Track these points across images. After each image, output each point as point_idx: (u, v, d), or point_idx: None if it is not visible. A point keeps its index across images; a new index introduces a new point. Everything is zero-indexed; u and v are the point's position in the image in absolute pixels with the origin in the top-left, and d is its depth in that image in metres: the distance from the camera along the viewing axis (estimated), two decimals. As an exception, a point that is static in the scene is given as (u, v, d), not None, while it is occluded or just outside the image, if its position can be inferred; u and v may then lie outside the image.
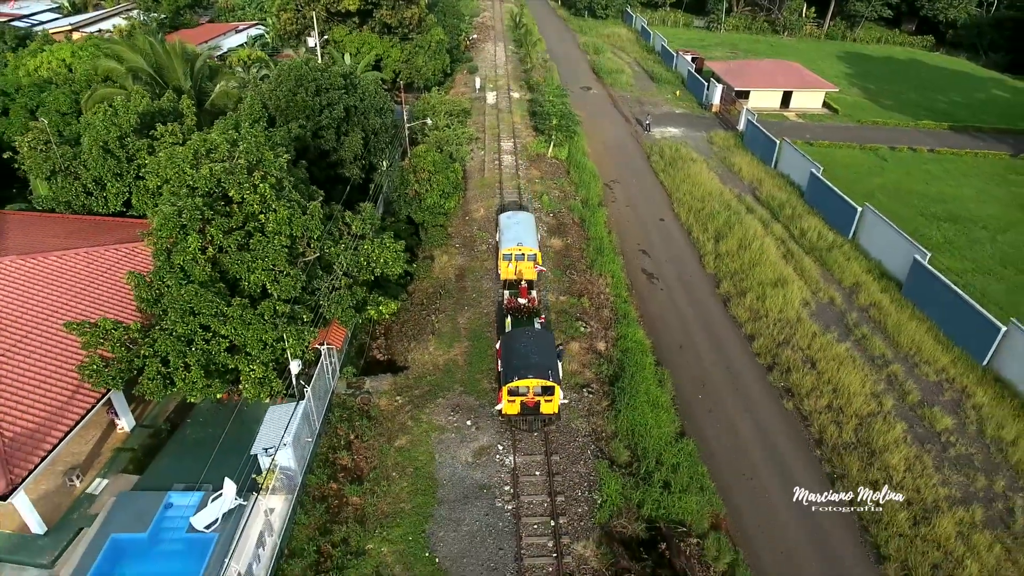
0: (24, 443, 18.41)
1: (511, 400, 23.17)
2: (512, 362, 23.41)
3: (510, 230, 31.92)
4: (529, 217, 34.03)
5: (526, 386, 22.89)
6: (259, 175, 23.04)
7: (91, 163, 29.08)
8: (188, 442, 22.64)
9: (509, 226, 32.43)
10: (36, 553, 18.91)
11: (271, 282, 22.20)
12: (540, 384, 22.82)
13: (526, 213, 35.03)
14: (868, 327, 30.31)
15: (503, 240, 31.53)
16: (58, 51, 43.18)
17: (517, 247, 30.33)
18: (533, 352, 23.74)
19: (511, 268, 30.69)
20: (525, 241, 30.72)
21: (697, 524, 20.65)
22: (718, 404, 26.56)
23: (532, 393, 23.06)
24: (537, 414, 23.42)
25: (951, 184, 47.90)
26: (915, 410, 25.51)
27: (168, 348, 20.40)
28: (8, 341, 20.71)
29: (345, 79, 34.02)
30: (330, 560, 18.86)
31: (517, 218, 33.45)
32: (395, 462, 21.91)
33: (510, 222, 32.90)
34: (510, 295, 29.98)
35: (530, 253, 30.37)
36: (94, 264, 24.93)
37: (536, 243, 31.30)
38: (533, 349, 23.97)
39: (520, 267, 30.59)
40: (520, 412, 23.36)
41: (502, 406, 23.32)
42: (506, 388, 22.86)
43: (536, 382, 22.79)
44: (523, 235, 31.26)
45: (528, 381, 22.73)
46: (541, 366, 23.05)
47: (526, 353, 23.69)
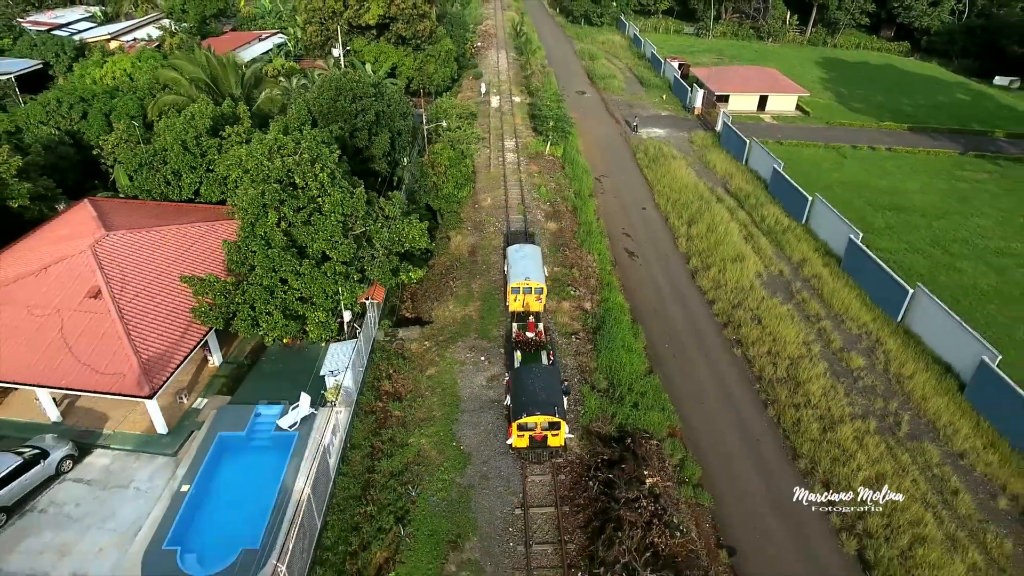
0: (156, 363, 24.94)
1: (520, 435, 24.77)
2: (521, 399, 25.05)
3: (518, 264, 33.30)
4: (536, 250, 35.28)
5: (534, 422, 24.44)
6: (319, 166, 29.56)
7: (171, 158, 35.57)
8: (264, 373, 29.19)
9: (516, 260, 33.71)
10: (163, 446, 25.40)
11: (330, 249, 28.69)
12: (547, 420, 24.42)
13: (532, 246, 36.14)
14: (808, 293, 36.86)
15: (511, 274, 32.91)
16: (120, 62, 49.68)
17: (525, 281, 31.95)
18: (540, 389, 25.37)
19: (519, 301, 32.47)
20: (532, 276, 32.23)
21: (657, 431, 27.12)
22: (681, 351, 33.08)
23: (540, 428, 24.58)
24: (545, 447, 25.06)
25: (900, 178, 54.41)
26: (836, 354, 32.04)
27: (256, 296, 26.93)
28: (134, 290, 27.22)
29: (375, 88, 40.53)
30: (381, 452, 25.40)
31: (524, 252, 34.64)
32: (427, 386, 28.51)
33: (517, 256, 34.16)
34: (518, 328, 31.46)
35: (537, 287, 32.03)
36: (184, 237, 31.42)
37: (543, 277, 32.82)
38: (540, 386, 25.59)
39: (527, 300, 32.30)
40: (529, 445, 24.94)
41: (512, 440, 24.92)
42: (515, 424, 24.47)
43: (543, 418, 24.36)
44: (530, 270, 32.72)
45: (536, 418, 24.29)
46: (548, 403, 24.67)
47: (534, 390, 25.33)
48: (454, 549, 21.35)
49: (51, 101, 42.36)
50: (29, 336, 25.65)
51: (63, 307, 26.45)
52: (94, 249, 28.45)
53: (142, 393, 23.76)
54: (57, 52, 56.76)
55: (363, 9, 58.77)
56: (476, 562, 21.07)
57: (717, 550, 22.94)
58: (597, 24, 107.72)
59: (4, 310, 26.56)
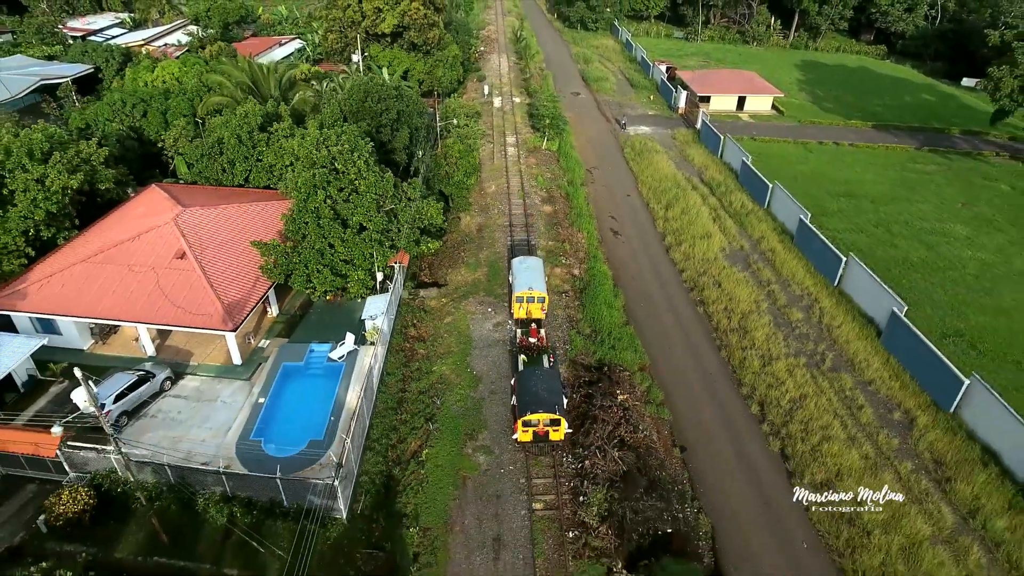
0: (234, 306, 31.79)
1: (525, 430, 27.39)
2: (525, 398, 27.67)
3: (521, 275, 36.00)
4: (538, 262, 37.96)
5: (537, 419, 27.10)
6: (356, 155, 36.37)
7: (227, 149, 42.41)
8: (313, 321, 36.05)
9: (520, 271, 36.43)
10: (238, 373, 32.22)
11: (366, 221, 35.49)
12: (549, 417, 27.09)
13: (535, 259, 38.78)
14: (763, 263, 43.72)
15: (516, 284, 35.58)
16: (168, 67, 56.44)
17: (528, 291, 34.72)
18: (542, 390, 27.98)
19: (523, 309, 35.25)
20: (535, 286, 35.03)
21: (630, 366, 33.92)
22: (653, 309, 39.93)
23: (542, 425, 27.21)
24: (547, 441, 27.88)
25: (858, 170, 61.26)
26: (780, 310, 38.88)
27: (309, 257, 33.79)
28: (210, 253, 34.06)
29: (396, 90, 47.34)
30: (410, 377, 32.26)
31: (527, 263, 37.36)
32: (445, 330, 35.40)
33: (521, 267, 36.90)
34: (522, 334, 34.35)
35: (539, 296, 34.74)
36: (243, 213, 38.19)
37: (544, 287, 35.54)
38: (542, 387, 28.20)
39: (530, 308, 35.06)
40: (532, 440, 27.70)
41: (517, 435, 27.60)
42: (521, 421, 27.17)
43: (546, 416, 27.00)
44: (533, 280, 35.49)
45: (539, 415, 26.94)
46: (549, 402, 27.30)
47: (536, 391, 27.94)
48: (470, 439, 28.24)
49: (116, 102, 49.16)
50: (133, 287, 32.50)
51: (156, 265, 33.30)
52: (176, 221, 35.26)
53: (227, 328, 30.64)
54: (107, 58, 63.47)
55: (379, 19, 65.60)
56: (487, 447, 27.97)
57: (672, 447, 29.79)
58: (592, 29, 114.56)
59: (109, 268, 33.39)
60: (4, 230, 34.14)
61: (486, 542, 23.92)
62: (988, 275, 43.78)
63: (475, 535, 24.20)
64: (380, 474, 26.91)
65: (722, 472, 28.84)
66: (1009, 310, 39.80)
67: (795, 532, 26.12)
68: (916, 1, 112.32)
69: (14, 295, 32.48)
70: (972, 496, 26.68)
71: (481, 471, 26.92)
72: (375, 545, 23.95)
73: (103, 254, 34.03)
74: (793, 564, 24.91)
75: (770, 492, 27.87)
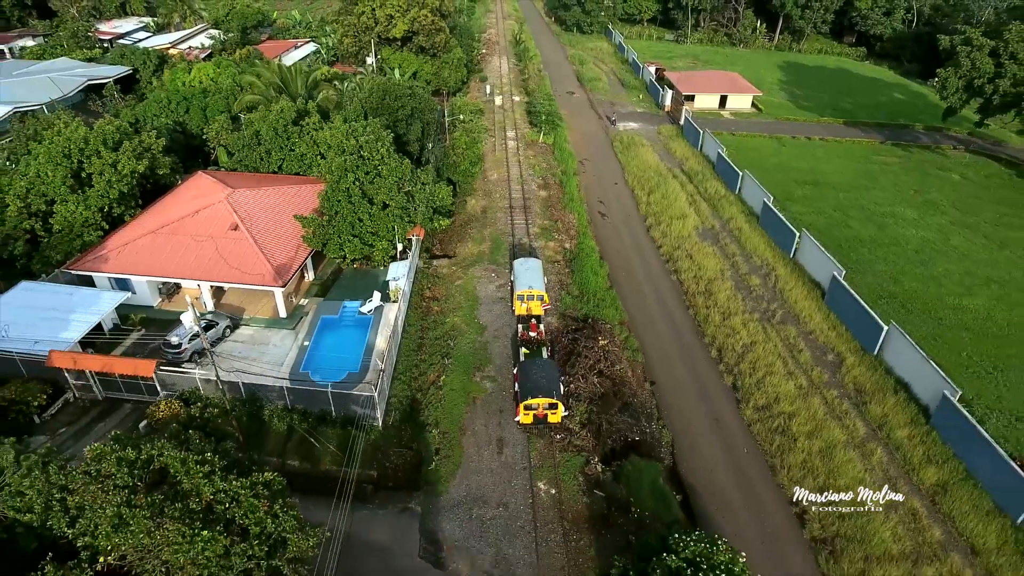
0: (281, 268, 38.30)
1: (526, 413, 30.44)
2: (526, 385, 30.73)
3: (522, 276, 39.03)
4: (537, 263, 40.97)
5: (537, 403, 30.09)
6: (380, 143, 42.87)
7: (265, 140, 48.87)
8: (344, 284, 42.54)
9: (521, 272, 39.46)
10: (284, 324, 38.70)
11: (388, 199, 41.96)
12: (548, 402, 30.08)
13: (535, 260, 41.80)
14: (730, 240, 50.23)
15: (517, 284, 38.58)
16: (203, 68, 62.93)
17: (528, 290, 37.84)
18: (541, 378, 30.89)
19: (523, 306, 38.24)
20: (534, 285, 38.10)
21: (611, 320, 40.41)
22: (633, 277, 46.43)
23: (541, 408, 30.24)
24: (546, 423, 30.87)
25: (824, 162, 67.82)
26: (742, 277, 45.40)
27: (342, 229, 40.30)
28: (259, 226, 40.54)
29: (410, 90, 53.85)
30: (428, 327, 38.79)
31: (528, 264, 40.53)
32: (456, 291, 41.97)
33: (522, 268, 39.89)
34: (523, 329, 37.06)
35: (538, 295, 37.81)
36: (281, 194, 44.63)
37: (543, 286, 38.55)
38: (541, 375, 31.10)
39: (530, 305, 38.12)
40: (533, 422, 30.72)
41: (520, 418, 30.60)
42: (522, 404, 30.24)
43: (545, 400, 29.96)
44: (533, 280, 38.55)
45: (538, 400, 29.94)
46: (548, 388, 30.24)
47: (536, 379, 30.89)
48: (478, 371, 34.81)
49: (162, 99, 55.70)
50: (195, 253, 38.99)
51: (214, 235, 39.78)
52: (228, 200, 41.71)
53: (276, 284, 37.16)
54: (144, 60, 69.96)
55: (391, 25, 72.11)
56: (492, 376, 34.55)
57: (643, 381, 36.33)
58: (587, 32, 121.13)
59: (174, 238, 39.85)
60: (85, 206, 40.66)
61: (491, 441, 30.48)
62: (926, 250, 50.31)
63: (483, 436, 30.75)
64: (406, 397, 33.43)
65: (683, 400, 35.37)
66: (939, 278, 46.32)
67: (738, 442, 32.64)
68: (894, 5, 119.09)
69: (96, 260, 38.97)
70: (882, 414, 33.21)
71: (487, 393, 33.49)
72: (405, 445, 30.45)
73: (168, 227, 40.51)
74: (734, 464, 31.42)
75: (721, 414, 34.40)
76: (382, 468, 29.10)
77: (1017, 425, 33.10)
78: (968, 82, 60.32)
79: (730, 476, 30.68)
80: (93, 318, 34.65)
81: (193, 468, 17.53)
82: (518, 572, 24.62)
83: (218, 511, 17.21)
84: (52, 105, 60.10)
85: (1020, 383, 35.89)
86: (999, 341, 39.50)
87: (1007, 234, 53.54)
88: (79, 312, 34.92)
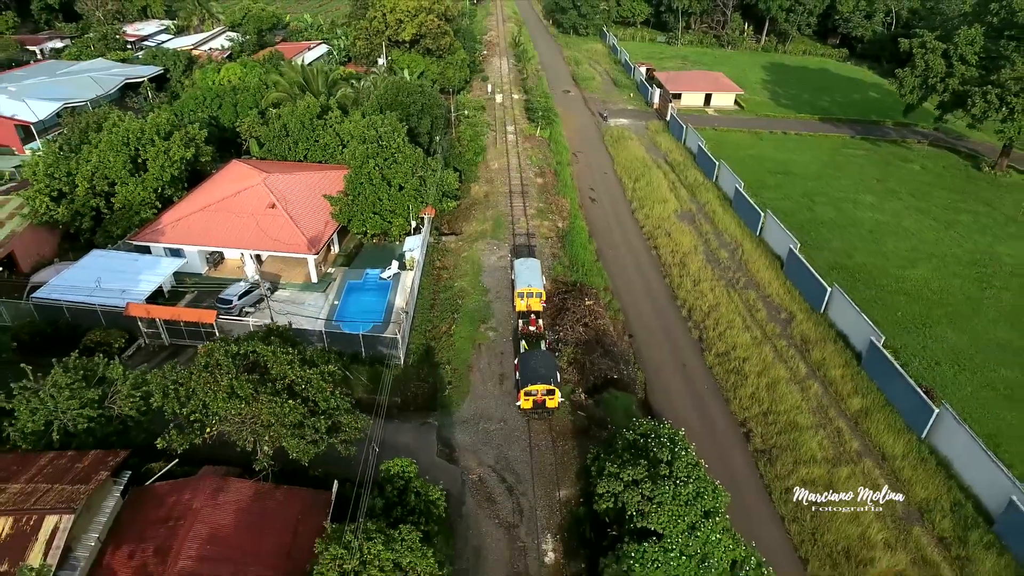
0: (313, 239, 44.70)
1: (526, 399, 32.82)
2: (526, 374, 33.31)
3: (522, 275, 41.99)
4: (536, 263, 44.07)
5: (536, 390, 32.64)
6: (396, 133, 49.25)
7: (292, 132, 55.25)
8: (365, 256, 48.95)
9: (522, 271, 42.40)
10: (316, 288, 45.11)
11: (404, 182, 48.34)
12: (545, 388, 32.60)
13: (534, 260, 44.86)
14: (704, 220, 56.66)
15: (517, 282, 41.52)
16: (232, 68, 69.33)
17: (528, 287, 40.75)
18: (540, 367, 33.61)
19: (523, 303, 40.99)
20: (533, 283, 40.98)
21: (597, 286, 46.79)
22: (618, 253, 52.81)
23: (540, 394, 32.79)
24: (544, 408, 33.41)
25: (796, 154, 74.25)
26: (712, 251, 51.81)
27: (364, 207, 46.69)
28: (292, 204, 46.94)
29: (420, 87, 60.24)
30: (439, 290, 45.22)
31: (527, 264, 43.47)
32: (463, 261, 48.42)
33: (522, 268, 42.91)
34: (523, 324, 40.16)
35: (537, 292, 40.72)
36: (309, 178, 51.00)
37: (541, 284, 41.43)
38: (540, 365, 33.79)
39: (530, 302, 40.92)
40: (532, 407, 33.27)
41: (520, 403, 33.10)
42: (523, 391, 32.83)
43: (543, 387, 32.50)
44: (532, 279, 41.47)
45: (537, 386, 32.55)
46: (546, 376, 32.80)
47: (535, 368, 33.55)
48: (482, 323, 41.23)
49: (198, 96, 62.09)
50: (239, 227, 45.36)
51: (255, 212, 46.15)
52: (265, 183, 48.10)
53: (310, 252, 43.56)
54: (174, 61, 76.34)
55: (400, 29, 78.55)
56: (494, 328, 40.98)
57: (623, 334, 42.72)
58: (583, 34, 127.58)
59: (220, 215, 46.21)
60: (143, 188, 47.07)
61: (494, 376, 36.90)
62: (880, 230, 56.72)
63: (487, 372, 37.18)
64: (422, 345, 39.82)
65: (656, 349, 41.77)
66: (887, 253, 52.72)
67: (700, 381, 39.04)
68: (874, 9, 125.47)
69: (154, 232, 45.37)
70: (821, 358, 39.61)
71: (490, 340, 39.92)
72: (423, 380, 36.86)
73: (214, 205, 46.92)
74: (696, 397, 37.79)
75: (687, 360, 40.77)
76: (405, 396, 35.49)
77: (935, 368, 39.56)
78: (923, 81, 66.68)
79: (692, 406, 37.08)
80: (158, 279, 41.09)
81: (280, 357, 23.83)
82: (516, 467, 31.01)
83: (297, 391, 23.49)
84: (97, 101, 66.48)
85: (943, 337, 42.34)
86: (930, 304, 45.94)
87: (954, 217, 59.97)
88: (145, 274, 41.35)
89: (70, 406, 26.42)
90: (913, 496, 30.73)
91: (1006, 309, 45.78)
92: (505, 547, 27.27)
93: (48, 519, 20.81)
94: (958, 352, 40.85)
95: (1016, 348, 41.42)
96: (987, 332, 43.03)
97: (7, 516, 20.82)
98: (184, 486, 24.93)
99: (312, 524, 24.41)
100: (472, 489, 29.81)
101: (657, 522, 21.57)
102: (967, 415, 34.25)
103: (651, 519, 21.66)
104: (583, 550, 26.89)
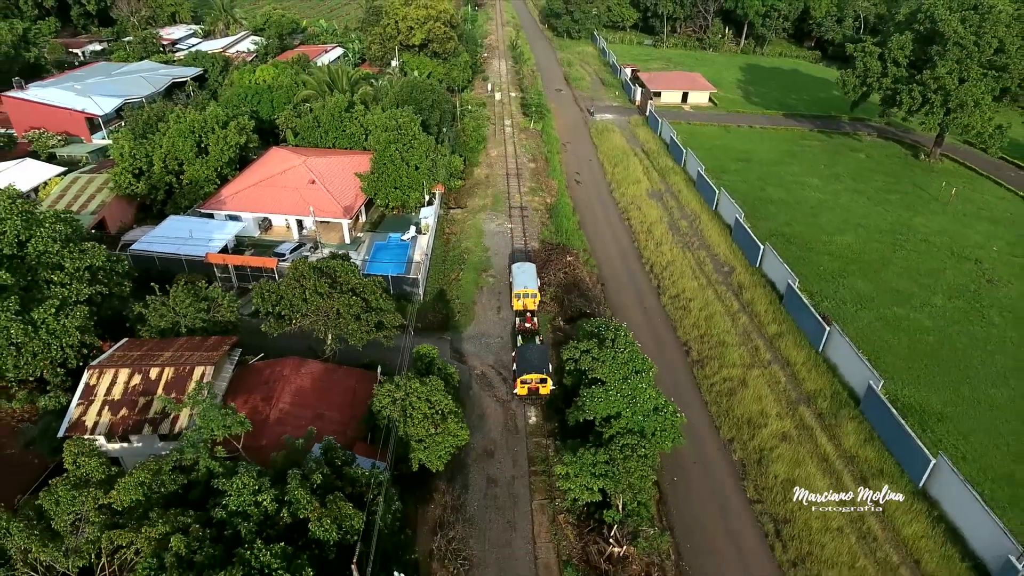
0: (347, 208, 55.30)
1: (522, 386, 37.98)
2: (522, 365, 38.48)
3: (519, 277, 47.20)
4: (532, 267, 49.14)
5: (530, 378, 37.65)
6: (412, 123, 59.81)
7: (324, 123, 65.79)
8: (388, 223, 59.55)
9: (519, 275, 47.58)
10: (349, 247, 55.59)
11: (420, 164, 58.88)
12: (539, 377, 37.68)
13: (530, 264, 50.14)
14: (671, 197, 67.30)
15: (515, 284, 46.76)
16: (266, 70, 79.86)
17: (524, 289, 45.87)
18: (535, 359, 38.68)
19: (520, 303, 46.05)
20: (529, 285, 46.20)
21: (577, 248, 57.34)
22: (597, 222, 63.41)
23: (534, 382, 37.83)
24: (538, 395, 38.57)
25: (758, 144, 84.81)
26: (675, 222, 62.38)
27: (387, 184, 57.31)
28: (328, 180, 57.51)
29: (430, 86, 70.81)
30: (449, 249, 55.89)
31: (524, 268, 48.61)
32: (468, 227, 59.07)
33: (519, 271, 48.02)
34: (520, 322, 45.28)
35: (532, 293, 45.82)
36: (340, 160, 61.58)
37: (536, 286, 46.66)
38: (534, 357, 38.92)
39: (526, 302, 45.93)
40: (527, 394, 38.40)
41: (517, 390, 38.28)
42: (519, 380, 38.04)
43: (537, 376, 37.65)
44: (528, 281, 46.66)
45: (532, 375, 37.64)
46: (539, 367, 37.94)
47: (530, 359, 38.61)
48: (484, 272, 51.91)
49: (240, 93, 72.69)
50: (285, 198, 55.91)
51: (298, 187, 56.69)
52: (305, 164, 58.70)
53: (345, 217, 54.17)
54: (212, 63, 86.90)
55: (411, 34, 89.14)
56: (494, 275, 51.72)
57: (597, 283, 53.30)
58: (576, 38, 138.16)
59: (270, 189, 56.76)
60: (206, 167, 57.69)
61: (493, 308, 47.58)
62: (819, 207, 67.26)
63: (487, 305, 47.86)
64: (436, 288, 50.44)
65: (623, 294, 52.36)
66: (821, 224, 63.26)
67: (655, 316, 49.62)
68: (845, 14, 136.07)
69: (217, 202, 55.94)
70: (751, 299, 50.14)
71: (490, 284, 50.64)
72: (437, 311, 47.48)
73: (264, 182, 57.50)
74: (651, 327, 48.38)
75: (647, 302, 51.39)
76: (424, 322, 46.11)
77: (842, 306, 50.11)
78: (863, 80, 77.28)
79: (648, 333, 47.61)
80: (226, 236, 51.70)
81: (346, 267, 34.36)
82: (509, 366, 41.62)
83: (358, 291, 34.05)
84: (151, 98, 77.06)
85: (852, 285, 52.87)
86: (848, 262, 56.50)
87: (885, 196, 70.56)
88: (215, 233, 51.95)
89: (189, 311, 37.02)
90: (805, 388, 41.33)
91: (910, 266, 56.34)
92: (501, 414, 37.93)
93: (197, 369, 31.39)
94: (862, 295, 51.41)
95: (909, 293, 51.97)
96: (890, 282, 53.58)
97: (170, 367, 31.41)
98: (276, 363, 35.60)
99: (365, 390, 35.01)
100: (476, 379, 40.48)
101: (602, 373, 32.10)
102: (859, 337, 44.81)
103: (597, 371, 32.19)
104: (556, 416, 37.53)
